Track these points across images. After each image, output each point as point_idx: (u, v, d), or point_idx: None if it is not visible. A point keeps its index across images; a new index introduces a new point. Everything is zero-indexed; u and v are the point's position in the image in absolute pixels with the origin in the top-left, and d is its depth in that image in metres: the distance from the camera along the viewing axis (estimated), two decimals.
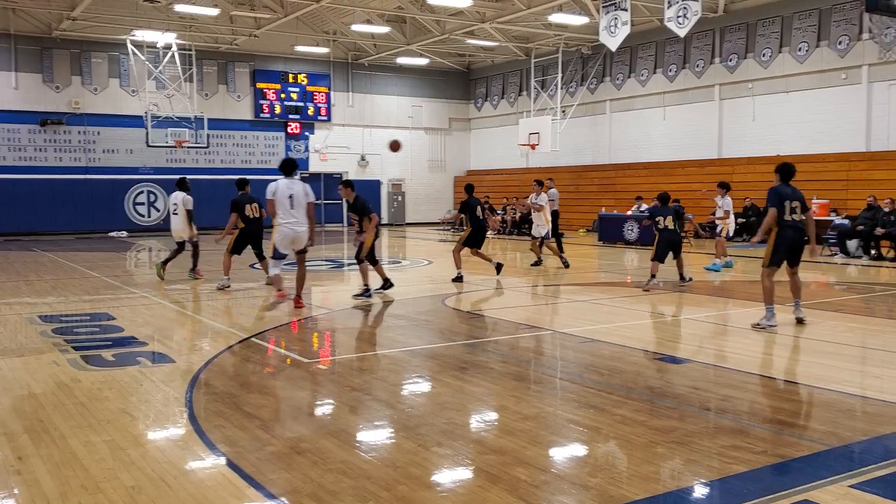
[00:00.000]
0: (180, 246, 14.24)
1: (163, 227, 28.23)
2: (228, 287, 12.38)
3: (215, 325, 9.38)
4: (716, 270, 14.98)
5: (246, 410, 5.66)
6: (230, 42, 29.56)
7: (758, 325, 9.03)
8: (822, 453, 4.69)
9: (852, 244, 17.91)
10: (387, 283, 12.00)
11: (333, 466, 4.48)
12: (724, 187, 15.56)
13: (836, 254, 17.99)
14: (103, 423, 5.32)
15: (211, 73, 30.23)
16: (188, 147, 28.32)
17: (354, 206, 11.64)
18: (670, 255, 12.57)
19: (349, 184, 11.88)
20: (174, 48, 27.10)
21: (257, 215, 12.91)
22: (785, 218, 8.90)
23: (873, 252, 17.33)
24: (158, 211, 28.96)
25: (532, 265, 15.79)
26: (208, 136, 28.55)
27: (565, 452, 4.90)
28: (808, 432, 5.13)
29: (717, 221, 15.69)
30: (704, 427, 5.27)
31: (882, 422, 5.35)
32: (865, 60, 20.41)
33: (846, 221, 18.73)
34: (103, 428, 5.22)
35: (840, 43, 20.99)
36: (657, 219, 12.51)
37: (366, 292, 11.40)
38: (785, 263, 9.15)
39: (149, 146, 27.51)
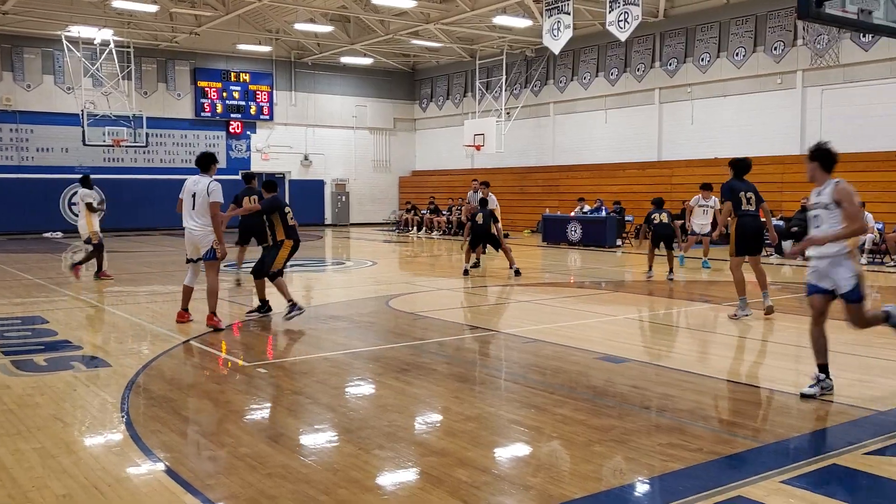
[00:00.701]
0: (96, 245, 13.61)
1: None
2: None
3: (154, 328, 9.18)
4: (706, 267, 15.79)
5: (184, 415, 5.56)
6: (170, 39, 28.99)
7: (734, 315, 9.53)
8: (756, 450, 4.80)
9: (787, 244, 18.39)
10: (267, 306, 10.12)
11: (273, 471, 4.43)
12: (707, 188, 15.87)
13: (771, 254, 18.45)
14: (33, 431, 5.17)
15: (150, 71, 29.63)
16: (126, 146, 27.68)
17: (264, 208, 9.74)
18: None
19: (272, 185, 10.10)
20: (112, 45, 26.45)
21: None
22: (742, 209, 9.36)
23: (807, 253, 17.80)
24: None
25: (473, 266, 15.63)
26: (147, 134, 27.95)
27: (506, 453, 4.92)
28: (742, 430, 5.25)
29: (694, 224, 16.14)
30: (643, 425, 5.35)
31: (814, 418, 5.51)
32: (799, 66, 20.99)
33: (781, 223, 19.23)
34: (33, 435, 5.07)
35: (775, 48, 21.56)
36: (652, 216, 14.28)
37: (294, 307, 9.55)
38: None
39: (85, 145, 26.80)
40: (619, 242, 21.36)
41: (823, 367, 6.07)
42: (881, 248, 16.62)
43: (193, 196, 8.94)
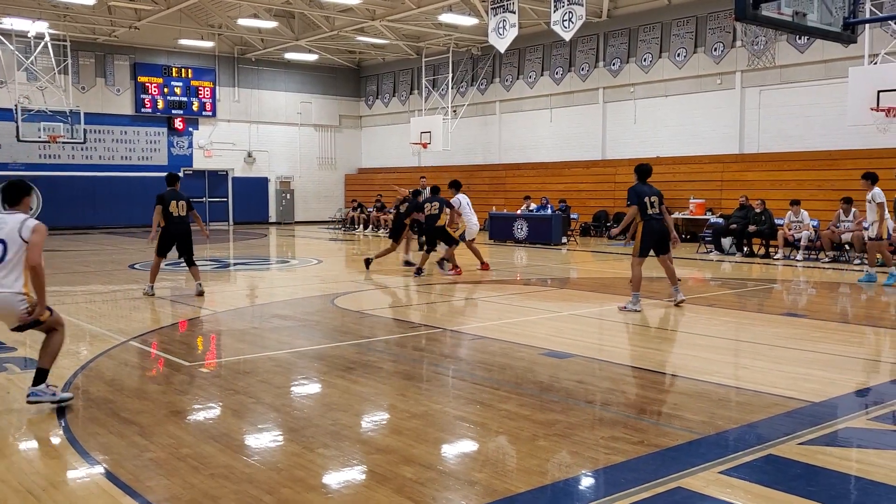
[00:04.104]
0: None
1: None
2: (152, 295, 11.32)
3: (92, 328, 8.97)
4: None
5: (123, 416, 5.44)
6: (109, 34, 28.32)
7: (624, 308, 10.00)
8: (695, 442, 4.90)
9: (726, 242, 18.83)
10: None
11: (215, 471, 4.37)
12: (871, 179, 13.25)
13: (711, 251, 18.87)
14: None
15: (88, 66, 28.90)
16: (63, 142, 26.93)
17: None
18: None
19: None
20: (47, 38, 25.69)
21: (182, 214, 11.35)
22: (647, 212, 10.02)
23: (745, 249, 18.28)
24: (31, 209, 27.40)
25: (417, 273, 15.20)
26: (85, 131, 27.20)
27: (452, 449, 4.94)
28: (682, 422, 5.35)
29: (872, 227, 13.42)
30: (587, 419, 5.42)
31: (751, 410, 5.64)
32: (738, 67, 21.48)
33: (720, 220, 19.67)
34: None
35: (715, 49, 22.02)
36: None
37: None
38: (655, 254, 10.31)
39: (19, 141, 25.93)
40: (564, 240, 21.58)
41: None
42: (816, 244, 17.12)
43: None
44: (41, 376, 5.60)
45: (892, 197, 14.61)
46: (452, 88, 28.46)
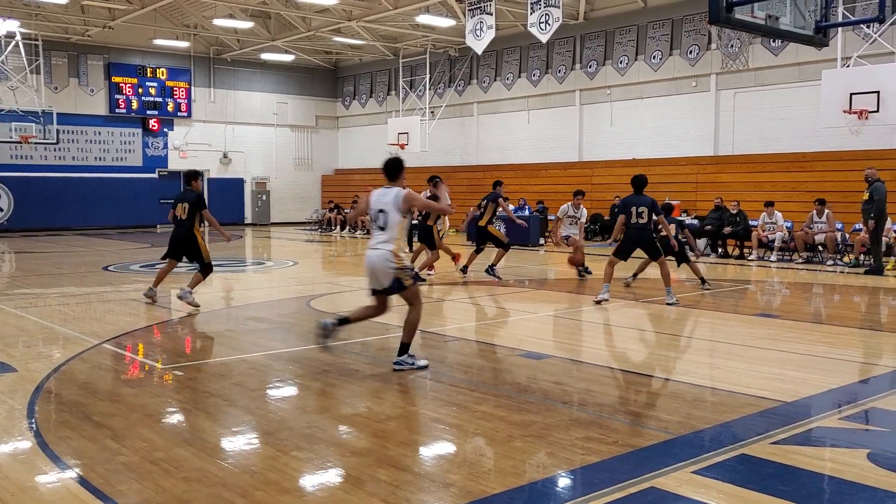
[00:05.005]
0: None
1: (6, 228, 26.46)
2: (151, 299, 10.72)
3: (65, 331, 8.86)
4: None
5: (95, 420, 5.38)
6: (82, 33, 28.01)
7: (596, 299, 10.77)
8: (669, 442, 4.93)
9: (701, 243, 18.97)
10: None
11: (188, 475, 4.33)
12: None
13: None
14: None
15: (61, 66, 28.56)
16: (35, 143, 26.61)
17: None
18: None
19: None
20: (18, 37, 25.35)
21: (183, 217, 10.53)
22: (631, 222, 10.75)
23: (720, 250, 18.44)
24: (2, 210, 27.10)
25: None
26: (58, 131, 26.93)
27: (427, 451, 4.93)
28: (657, 422, 5.38)
29: None
30: (562, 420, 5.43)
31: (725, 410, 5.68)
32: (713, 69, 21.65)
33: (696, 221, 19.81)
34: None
35: (690, 52, 22.19)
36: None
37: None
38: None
39: None
40: (541, 241, 21.64)
41: None
42: (790, 245, 17.30)
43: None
44: (403, 349, 6.86)
45: (861, 199, 14.83)
46: (430, 89, 28.46)
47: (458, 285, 13.23)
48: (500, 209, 14.36)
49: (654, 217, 10.83)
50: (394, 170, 7.18)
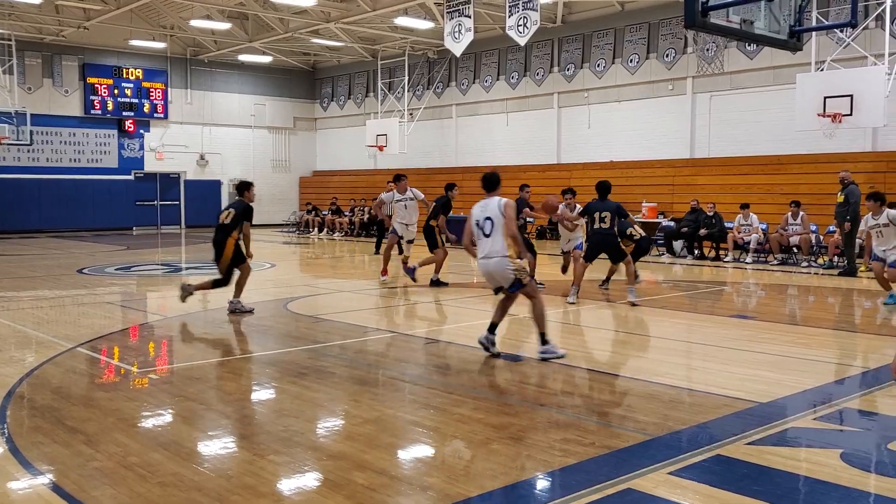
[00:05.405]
0: None
1: None
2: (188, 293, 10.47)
3: (38, 334, 8.75)
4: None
5: (69, 425, 5.31)
6: (56, 33, 27.70)
7: (567, 299, 11.11)
8: (646, 443, 4.95)
9: (678, 245, 19.12)
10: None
11: (163, 479, 4.28)
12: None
13: (663, 254, 19.13)
14: None
15: (35, 66, 28.22)
16: (8, 144, 26.29)
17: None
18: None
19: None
20: None
21: (226, 223, 10.42)
22: (594, 227, 11.17)
23: (696, 252, 18.58)
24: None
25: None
26: (31, 132, 26.63)
27: (405, 454, 4.92)
28: (634, 423, 5.41)
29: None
30: (539, 422, 5.44)
31: (701, 411, 5.72)
32: (689, 72, 21.82)
33: (672, 223, 19.95)
34: None
35: (667, 56, 22.35)
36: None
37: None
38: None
39: None
40: None
41: None
42: (765, 247, 17.47)
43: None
44: (542, 338, 7.42)
45: (836, 202, 14.99)
46: (409, 91, 28.44)
47: (435, 288, 13.21)
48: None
49: (624, 219, 11.42)
50: (493, 182, 8.13)
